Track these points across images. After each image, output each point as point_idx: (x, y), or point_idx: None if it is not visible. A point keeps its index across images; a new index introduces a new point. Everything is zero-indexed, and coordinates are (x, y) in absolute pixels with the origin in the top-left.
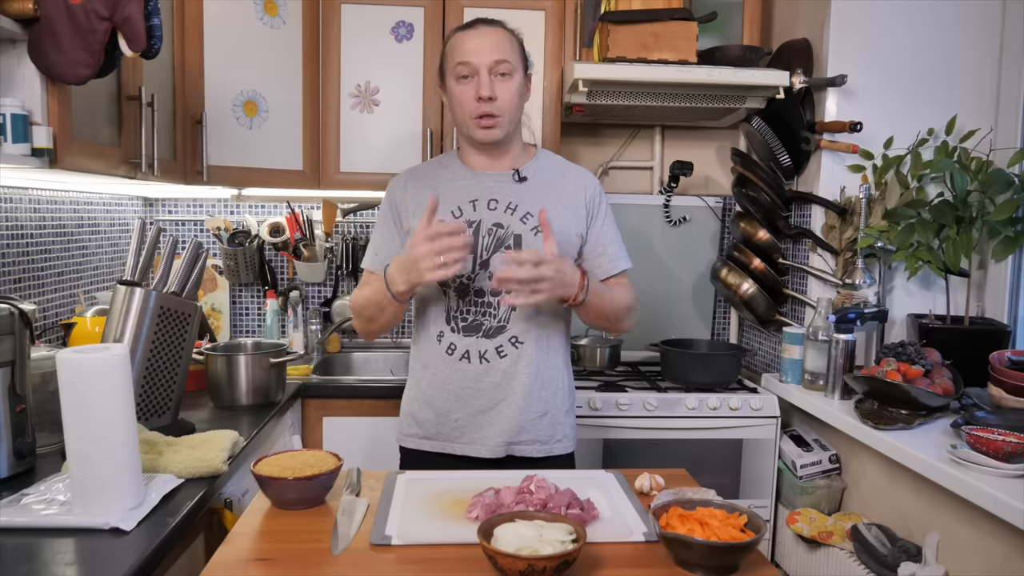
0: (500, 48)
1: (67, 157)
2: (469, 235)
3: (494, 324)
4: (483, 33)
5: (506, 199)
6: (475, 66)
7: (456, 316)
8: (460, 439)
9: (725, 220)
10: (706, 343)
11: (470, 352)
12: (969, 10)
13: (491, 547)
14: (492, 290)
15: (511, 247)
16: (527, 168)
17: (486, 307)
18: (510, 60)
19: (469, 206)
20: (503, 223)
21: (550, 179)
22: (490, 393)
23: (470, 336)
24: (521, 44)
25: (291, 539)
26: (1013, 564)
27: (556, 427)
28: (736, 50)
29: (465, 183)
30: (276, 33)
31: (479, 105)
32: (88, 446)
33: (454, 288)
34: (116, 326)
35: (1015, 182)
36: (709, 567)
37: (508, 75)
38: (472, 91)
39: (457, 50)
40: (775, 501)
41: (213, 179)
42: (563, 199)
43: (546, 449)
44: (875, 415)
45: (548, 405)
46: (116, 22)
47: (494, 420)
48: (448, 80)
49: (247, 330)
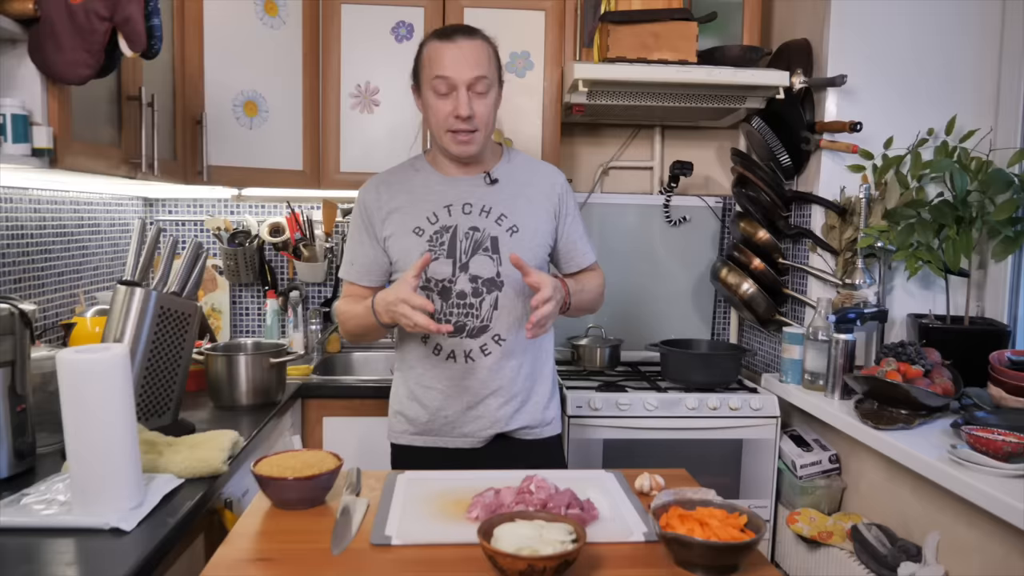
0: (479, 63)
1: (67, 157)
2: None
3: (477, 324)
4: (462, 46)
5: (480, 202)
6: (454, 82)
7: (439, 319)
8: (451, 433)
9: (725, 220)
10: (706, 343)
11: (455, 352)
12: (969, 10)
13: (491, 547)
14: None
15: (488, 249)
16: (497, 170)
17: (468, 308)
18: (488, 76)
19: (444, 211)
20: (479, 226)
21: (520, 178)
22: (477, 389)
23: (455, 337)
24: (497, 54)
25: (291, 539)
26: (1013, 564)
27: (543, 412)
28: (736, 50)
29: (439, 188)
30: (276, 33)
31: (456, 121)
32: (88, 446)
33: (437, 292)
34: (116, 326)
35: (1015, 182)
36: (709, 567)
37: (485, 92)
38: (449, 107)
39: (435, 62)
40: (775, 501)
41: (213, 179)
42: (534, 198)
43: (535, 433)
44: (875, 415)
45: (533, 393)
46: (116, 22)
47: (483, 413)
48: (424, 90)
49: (247, 330)
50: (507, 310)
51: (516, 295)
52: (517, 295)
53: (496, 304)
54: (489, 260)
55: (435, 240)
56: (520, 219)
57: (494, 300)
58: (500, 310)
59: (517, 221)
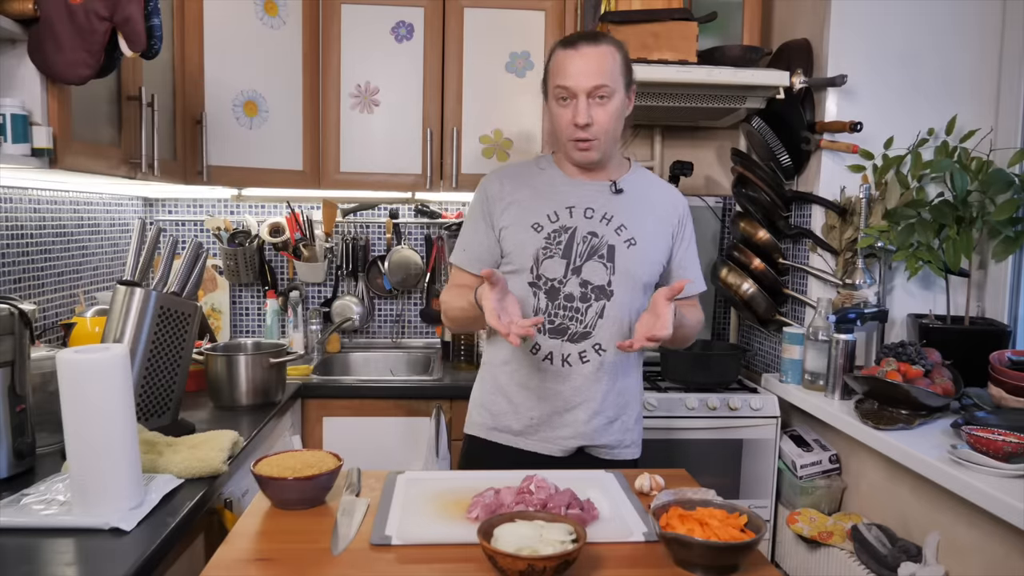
0: (600, 72)
1: (67, 157)
2: (534, 330)
3: (580, 329)
4: (584, 55)
5: (602, 209)
6: (573, 91)
7: (543, 317)
8: (533, 436)
9: (725, 220)
10: (706, 343)
11: (553, 354)
12: (969, 10)
13: (491, 547)
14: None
15: (603, 256)
16: (623, 180)
17: (574, 312)
18: (610, 84)
19: (566, 212)
20: (598, 232)
21: (644, 193)
22: (569, 396)
23: (556, 339)
24: (625, 58)
25: (291, 539)
26: (1013, 564)
27: (626, 433)
28: (736, 50)
29: (563, 189)
30: (276, 33)
31: (576, 130)
32: (88, 446)
33: (544, 290)
34: (116, 326)
35: (1015, 182)
36: (709, 567)
37: (607, 98)
38: (569, 114)
39: (558, 72)
40: (775, 501)
41: (213, 179)
42: (656, 213)
43: (615, 453)
44: (875, 415)
45: (621, 412)
46: (116, 22)
47: (569, 422)
48: (549, 98)
49: (247, 330)
50: (612, 320)
51: (624, 307)
52: (625, 308)
53: (602, 313)
54: (603, 267)
55: (552, 239)
56: (639, 233)
57: (600, 309)
58: (605, 319)
59: (636, 234)
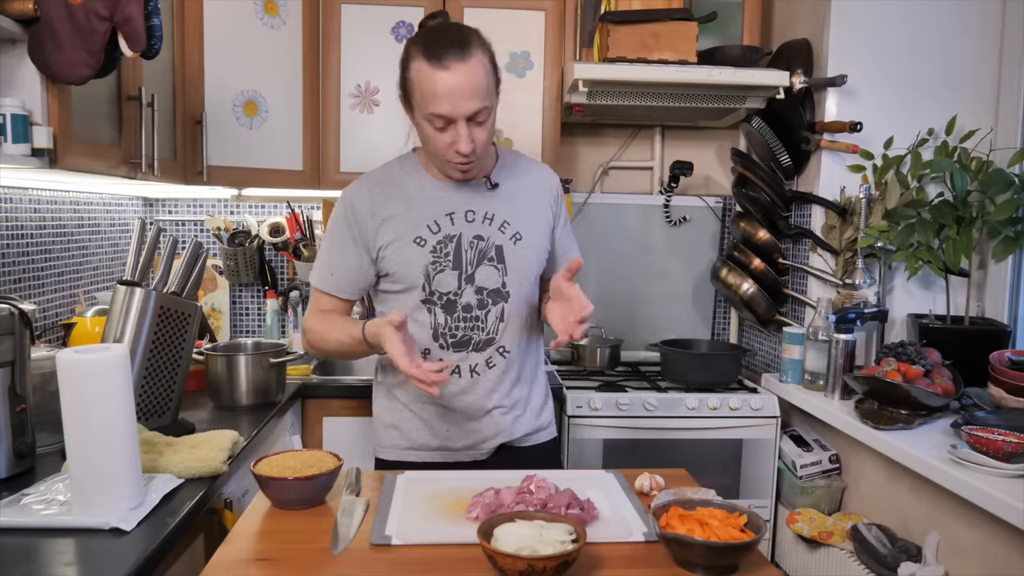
0: (475, 92)
1: (67, 157)
2: (446, 375)
3: (483, 337)
4: (457, 72)
5: (482, 209)
6: (451, 118)
7: (445, 333)
8: (452, 447)
9: (725, 220)
10: (706, 343)
11: (461, 367)
12: (969, 10)
13: (491, 547)
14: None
15: (493, 259)
16: (497, 174)
17: (474, 321)
18: (487, 103)
19: (446, 219)
20: (483, 235)
21: (517, 181)
22: (481, 403)
23: (460, 351)
24: (493, 59)
25: (291, 539)
26: (1013, 564)
27: (539, 418)
28: (736, 50)
29: (437, 194)
30: (276, 33)
31: (456, 154)
32: (88, 446)
33: (440, 305)
34: (116, 326)
35: (1015, 182)
36: (709, 567)
37: (486, 119)
38: (448, 139)
39: (428, 96)
40: (775, 501)
41: (213, 179)
42: (534, 200)
43: (534, 438)
44: (875, 415)
45: (531, 401)
46: (116, 22)
47: (484, 427)
48: (417, 117)
49: (247, 330)
50: (512, 321)
51: (521, 305)
52: (522, 305)
53: (502, 316)
54: (495, 270)
55: (439, 251)
56: (523, 226)
57: (500, 312)
58: (506, 322)
59: (520, 228)
